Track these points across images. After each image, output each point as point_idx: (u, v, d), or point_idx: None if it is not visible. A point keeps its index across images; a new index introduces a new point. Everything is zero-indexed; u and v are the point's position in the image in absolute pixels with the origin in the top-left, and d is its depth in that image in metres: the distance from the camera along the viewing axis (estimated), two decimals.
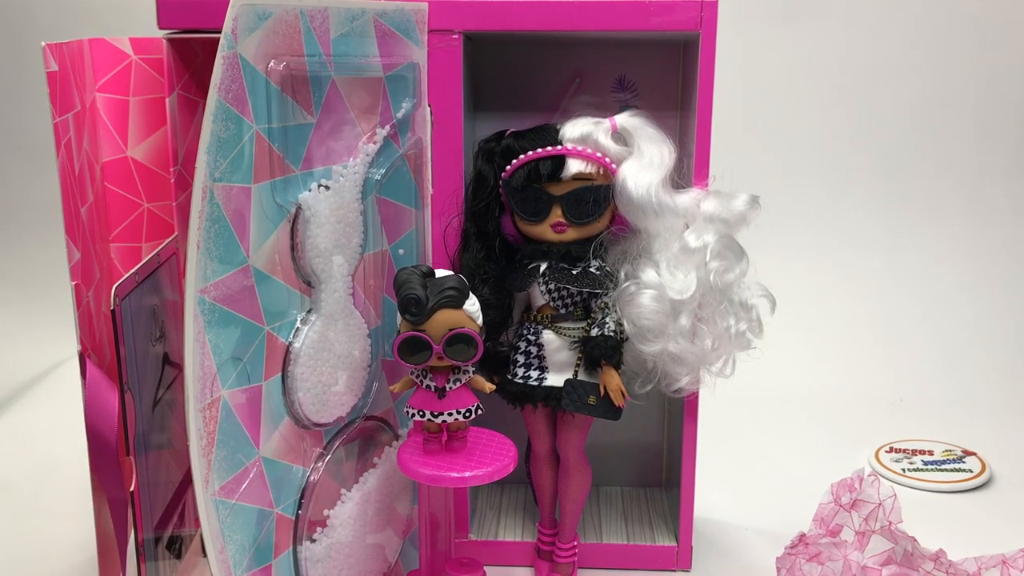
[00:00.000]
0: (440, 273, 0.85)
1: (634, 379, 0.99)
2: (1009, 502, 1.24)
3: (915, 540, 0.89)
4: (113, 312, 0.81)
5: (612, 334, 0.94)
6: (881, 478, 0.94)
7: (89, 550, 1.01)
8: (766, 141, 1.84)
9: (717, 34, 0.95)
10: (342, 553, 0.88)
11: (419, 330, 0.83)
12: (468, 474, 0.85)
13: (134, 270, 0.87)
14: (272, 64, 0.76)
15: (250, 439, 0.79)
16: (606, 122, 0.96)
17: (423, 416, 0.87)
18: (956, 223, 1.83)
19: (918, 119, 1.82)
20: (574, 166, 0.94)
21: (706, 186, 0.97)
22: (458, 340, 0.83)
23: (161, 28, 0.92)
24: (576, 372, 0.96)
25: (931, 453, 1.35)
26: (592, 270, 0.96)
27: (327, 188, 0.82)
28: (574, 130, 0.95)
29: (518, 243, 0.99)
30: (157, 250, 0.94)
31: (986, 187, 1.83)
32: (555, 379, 0.96)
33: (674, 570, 1.08)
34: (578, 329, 0.96)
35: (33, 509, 1.20)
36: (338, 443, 0.88)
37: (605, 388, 0.94)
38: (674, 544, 1.08)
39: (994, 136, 1.82)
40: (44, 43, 0.84)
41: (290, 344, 0.82)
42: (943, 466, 1.31)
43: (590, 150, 0.94)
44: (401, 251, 0.93)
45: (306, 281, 0.83)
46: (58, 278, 1.13)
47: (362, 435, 0.92)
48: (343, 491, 0.89)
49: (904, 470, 1.30)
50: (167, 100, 0.92)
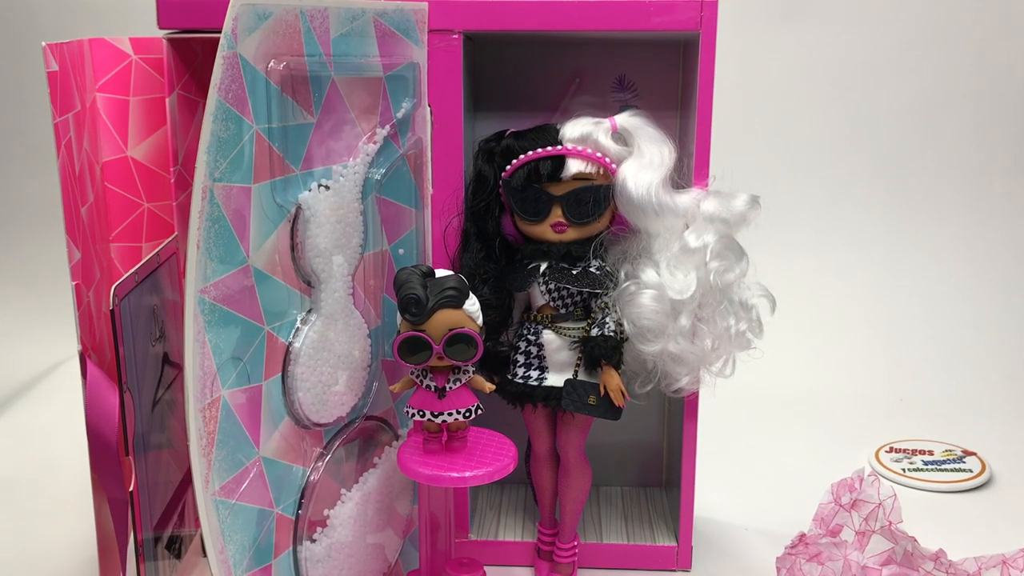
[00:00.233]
0: (440, 273, 0.85)
1: (634, 379, 0.99)
2: (1009, 502, 1.24)
3: (915, 540, 0.89)
4: (113, 312, 0.81)
5: (612, 334, 0.94)
6: (881, 478, 0.93)
7: (89, 550, 1.01)
8: (766, 141, 1.84)
9: (717, 34, 0.95)
10: (342, 553, 0.88)
11: (419, 330, 0.83)
12: (468, 474, 0.85)
13: (134, 270, 0.87)
14: (272, 64, 0.76)
15: (250, 439, 0.79)
16: (606, 122, 0.96)
17: (423, 416, 0.87)
18: (956, 223, 1.83)
19: (918, 119, 1.82)
20: (574, 166, 0.94)
21: (706, 186, 0.97)
22: (458, 340, 0.83)
23: (161, 28, 0.92)
24: (576, 372, 0.96)
25: (931, 453, 1.35)
26: (592, 270, 0.96)
27: (327, 188, 0.82)
28: (574, 130, 0.95)
29: (518, 243, 0.99)
30: (157, 250, 0.94)
31: (986, 187, 1.83)
32: (555, 379, 0.96)
33: (674, 570, 1.08)
34: (578, 329, 0.96)
35: (33, 509, 1.20)
36: (338, 443, 0.88)
37: (605, 388, 0.94)
38: (674, 544, 1.08)
39: (994, 136, 1.82)
40: (44, 43, 0.84)
41: (290, 344, 0.82)
42: (943, 466, 1.31)
43: (590, 150, 0.94)
44: (401, 251, 0.93)
45: (306, 281, 0.83)
46: (58, 278, 1.13)
47: (362, 435, 0.92)
48: (343, 491, 0.89)
49: (904, 470, 1.30)
50: (167, 100, 0.92)
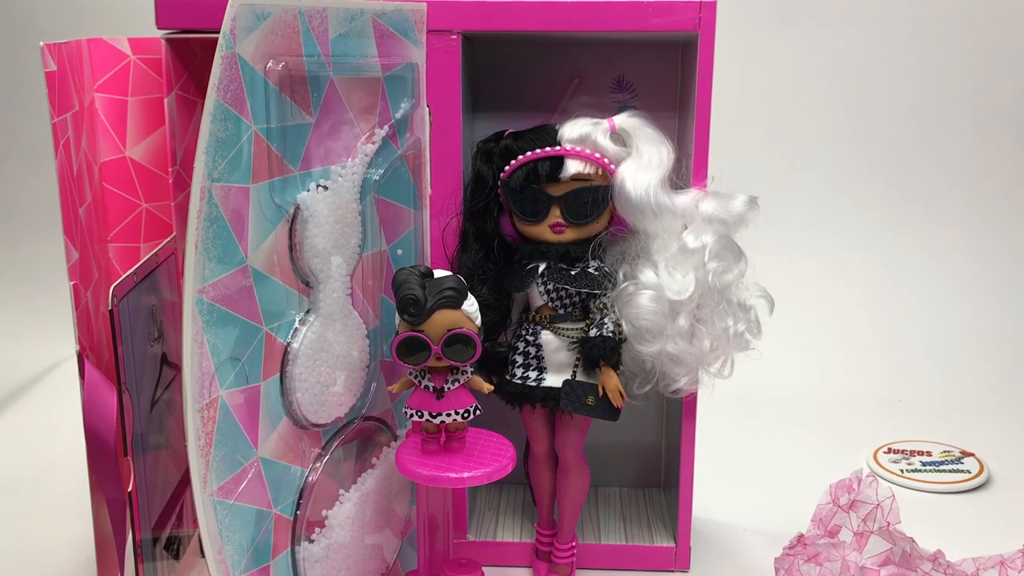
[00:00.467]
0: (439, 273, 0.85)
1: (632, 380, 0.99)
2: (1007, 503, 1.24)
3: (913, 541, 0.89)
4: (111, 312, 0.81)
5: (611, 335, 0.94)
6: (879, 479, 0.93)
7: (87, 550, 1.01)
8: (765, 142, 1.84)
9: (716, 35, 0.95)
10: (340, 553, 0.88)
11: (417, 330, 0.83)
12: (466, 475, 0.85)
13: (132, 270, 0.87)
14: (271, 64, 0.76)
15: (248, 439, 0.79)
16: (605, 123, 0.95)
17: (421, 416, 0.87)
18: (956, 223, 1.83)
19: (918, 119, 1.82)
20: (573, 167, 0.94)
21: (704, 187, 0.97)
22: (456, 340, 0.83)
23: (159, 28, 0.92)
24: (575, 373, 0.96)
25: (929, 454, 1.35)
26: (591, 271, 0.96)
27: (325, 188, 0.82)
28: (573, 131, 0.95)
29: (517, 243, 0.99)
30: (155, 250, 0.93)
31: (986, 187, 1.83)
32: (554, 380, 0.96)
33: (672, 571, 1.08)
34: (577, 330, 0.96)
35: (32, 509, 1.20)
36: (336, 443, 0.88)
37: (603, 389, 0.94)
38: (672, 545, 1.08)
39: (994, 136, 1.82)
40: (43, 43, 0.84)
41: (288, 344, 0.82)
42: (941, 467, 1.31)
43: (589, 151, 0.94)
44: (400, 251, 0.92)
45: (304, 281, 0.83)
46: (57, 278, 1.13)
47: (360, 435, 0.92)
48: (341, 491, 0.89)
49: (902, 471, 1.30)
50: (165, 100, 0.92)
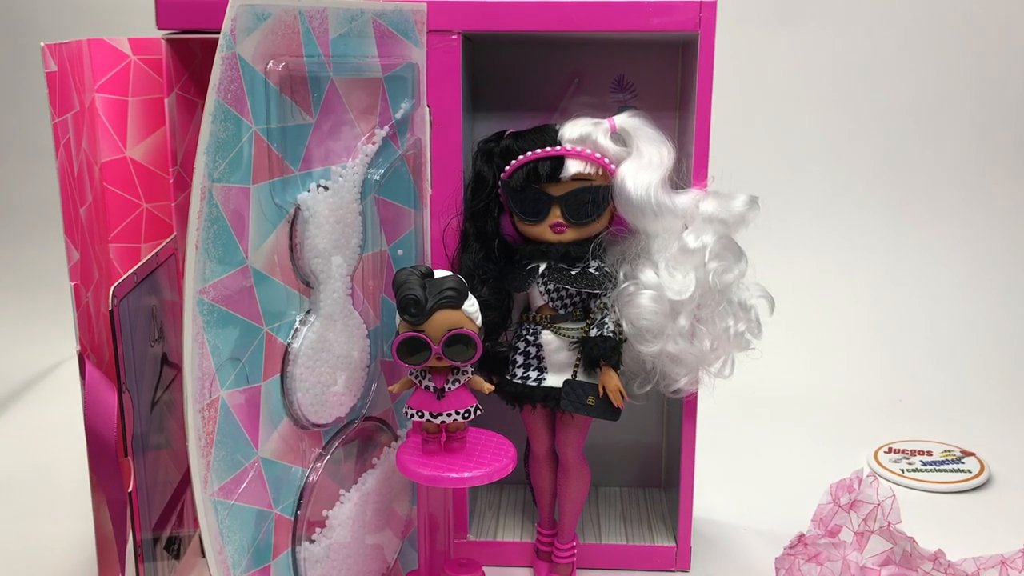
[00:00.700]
0: (439, 274, 0.85)
1: (633, 380, 0.99)
2: (1008, 502, 1.24)
3: (914, 540, 0.89)
4: (112, 312, 0.81)
5: (611, 335, 0.94)
6: (880, 478, 0.93)
7: (88, 550, 1.01)
8: (765, 141, 1.84)
9: (716, 35, 0.95)
10: (341, 554, 0.88)
11: (418, 330, 0.83)
12: (467, 475, 0.85)
13: (133, 270, 0.87)
14: (271, 64, 0.76)
15: (249, 440, 0.79)
16: (605, 123, 0.95)
17: (422, 417, 0.87)
18: (956, 223, 1.83)
19: (918, 119, 1.82)
20: (573, 167, 0.94)
21: (705, 186, 0.97)
22: (457, 340, 0.83)
23: (160, 28, 0.92)
24: (575, 373, 0.96)
25: (930, 454, 1.35)
26: (591, 271, 0.96)
27: (326, 188, 0.82)
28: (573, 130, 0.95)
29: (517, 243, 0.99)
30: (156, 250, 0.94)
31: (986, 187, 1.83)
32: (554, 380, 0.96)
33: (673, 570, 1.08)
34: (577, 330, 0.96)
35: (32, 509, 1.20)
36: (337, 444, 0.88)
37: (604, 389, 0.94)
38: (673, 544, 1.08)
39: (994, 136, 1.82)
40: (43, 43, 0.84)
41: (289, 344, 0.82)
42: (942, 467, 1.31)
43: (589, 151, 0.94)
44: (400, 251, 0.93)
45: (305, 282, 0.83)
46: (57, 278, 1.13)
47: (361, 436, 0.92)
48: (342, 492, 0.89)
49: (903, 470, 1.30)
50: (166, 100, 0.92)
